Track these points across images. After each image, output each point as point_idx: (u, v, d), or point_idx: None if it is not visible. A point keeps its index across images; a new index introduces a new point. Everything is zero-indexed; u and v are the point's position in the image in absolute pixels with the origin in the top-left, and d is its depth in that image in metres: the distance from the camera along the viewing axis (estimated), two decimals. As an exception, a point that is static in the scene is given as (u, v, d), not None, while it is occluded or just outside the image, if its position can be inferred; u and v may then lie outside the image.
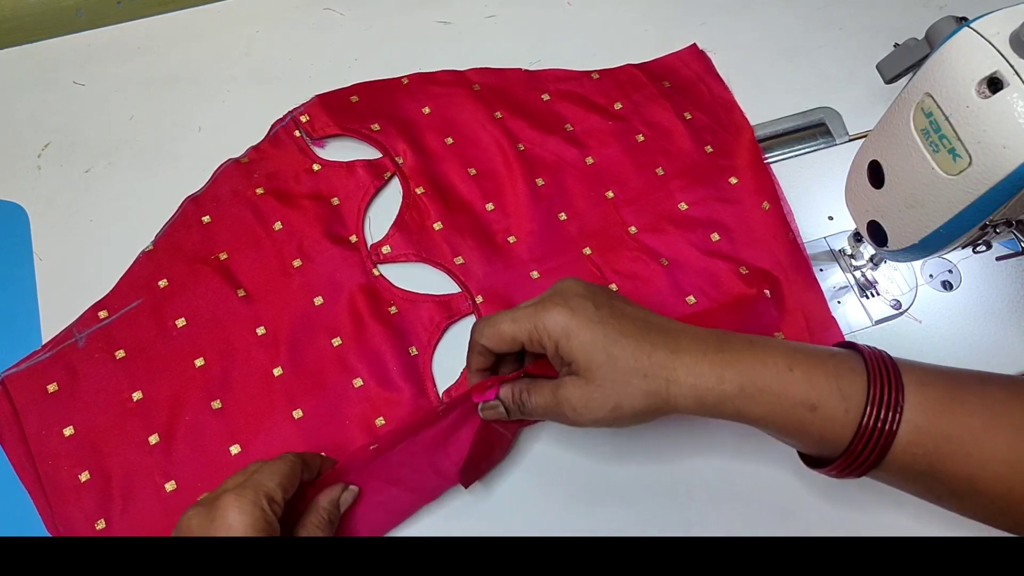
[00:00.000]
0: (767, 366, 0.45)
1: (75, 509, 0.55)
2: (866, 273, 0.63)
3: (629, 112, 0.69)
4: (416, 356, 0.60)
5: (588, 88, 0.71)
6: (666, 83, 0.71)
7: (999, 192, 0.43)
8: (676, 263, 0.63)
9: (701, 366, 0.45)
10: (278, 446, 0.57)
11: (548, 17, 0.76)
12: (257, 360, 0.59)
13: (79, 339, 0.60)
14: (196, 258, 0.63)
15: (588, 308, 0.46)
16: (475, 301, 0.62)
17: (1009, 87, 0.41)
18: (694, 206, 0.66)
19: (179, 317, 0.61)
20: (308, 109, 0.69)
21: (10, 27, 0.78)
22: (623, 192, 0.66)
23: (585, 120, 0.69)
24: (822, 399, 0.44)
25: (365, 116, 0.69)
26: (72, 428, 0.57)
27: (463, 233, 0.64)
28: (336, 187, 0.66)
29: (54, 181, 0.67)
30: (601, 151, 0.68)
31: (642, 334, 0.46)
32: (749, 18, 0.75)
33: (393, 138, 0.68)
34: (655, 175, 0.67)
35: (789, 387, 0.45)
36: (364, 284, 0.62)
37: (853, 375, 0.45)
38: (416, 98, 0.70)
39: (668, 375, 0.45)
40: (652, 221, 0.65)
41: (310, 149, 0.68)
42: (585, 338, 0.46)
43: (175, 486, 0.55)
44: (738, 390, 0.45)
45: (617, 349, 0.45)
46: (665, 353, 0.46)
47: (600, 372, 0.46)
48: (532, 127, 0.69)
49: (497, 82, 0.71)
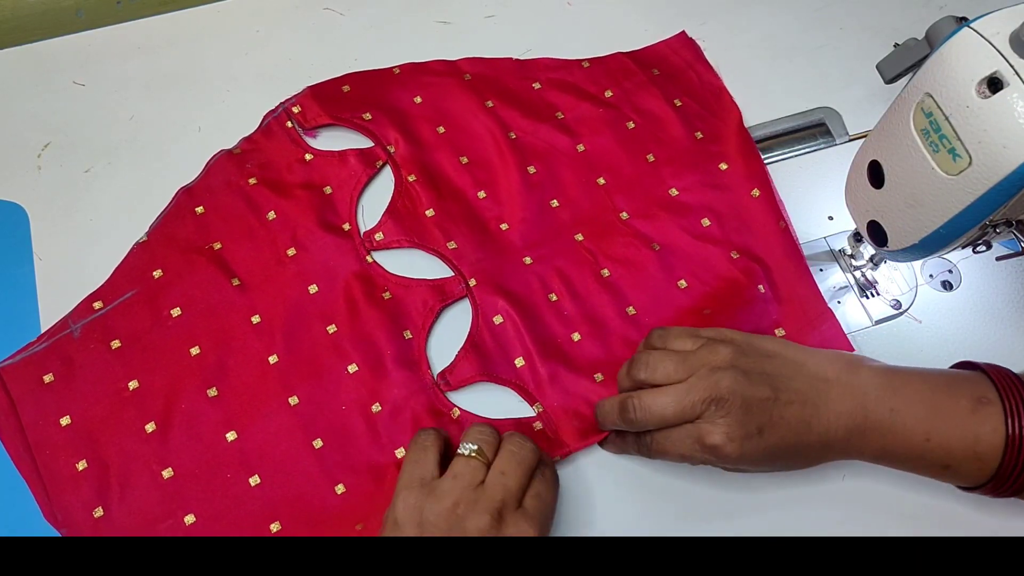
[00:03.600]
0: (904, 437, 0.49)
1: (73, 498, 0.55)
2: (866, 273, 0.63)
3: (620, 100, 0.70)
4: (411, 340, 0.61)
5: (578, 76, 0.71)
6: (655, 71, 0.71)
7: (999, 192, 0.43)
8: (667, 248, 0.64)
9: (848, 454, 0.51)
10: (274, 433, 0.57)
11: (548, 17, 0.76)
12: (252, 348, 0.60)
13: (74, 330, 0.60)
14: (190, 248, 0.63)
15: (746, 423, 0.49)
16: (468, 284, 0.62)
17: (1009, 87, 0.41)
18: (685, 192, 0.66)
19: (174, 307, 0.61)
20: (300, 100, 0.70)
21: (10, 27, 0.78)
22: (614, 179, 0.67)
23: (576, 108, 0.69)
24: (957, 463, 0.49)
25: (357, 105, 0.69)
26: (69, 418, 0.57)
27: (455, 220, 0.65)
28: (329, 176, 0.67)
29: (54, 181, 0.67)
30: (592, 138, 0.68)
31: (793, 451, 0.50)
32: (749, 18, 0.75)
33: (385, 127, 0.68)
34: (646, 162, 0.67)
35: (926, 454, 0.49)
36: (358, 271, 0.63)
37: (993, 436, 0.48)
38: (408, 87, 0.70)
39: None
40: (643, 207, 0.65)
41: (302, 139, 0.68)
42: (738, 457, 0.49)
43: (172, 473, 0.56)
44: (873, 459, 0.52)
45: (767, 465, 0.51)
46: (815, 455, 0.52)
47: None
48: (523, 115, 0.69)
49: (488, 71, 0.72)
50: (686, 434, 0.51)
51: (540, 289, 0.62)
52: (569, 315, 0.61)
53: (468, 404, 0.59)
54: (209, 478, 0.56)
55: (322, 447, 0.57)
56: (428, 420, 0.58)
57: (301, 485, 0.56)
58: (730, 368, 0.50)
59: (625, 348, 0.60)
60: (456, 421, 0.58)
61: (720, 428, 0.49)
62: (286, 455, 0.57)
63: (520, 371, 0.59)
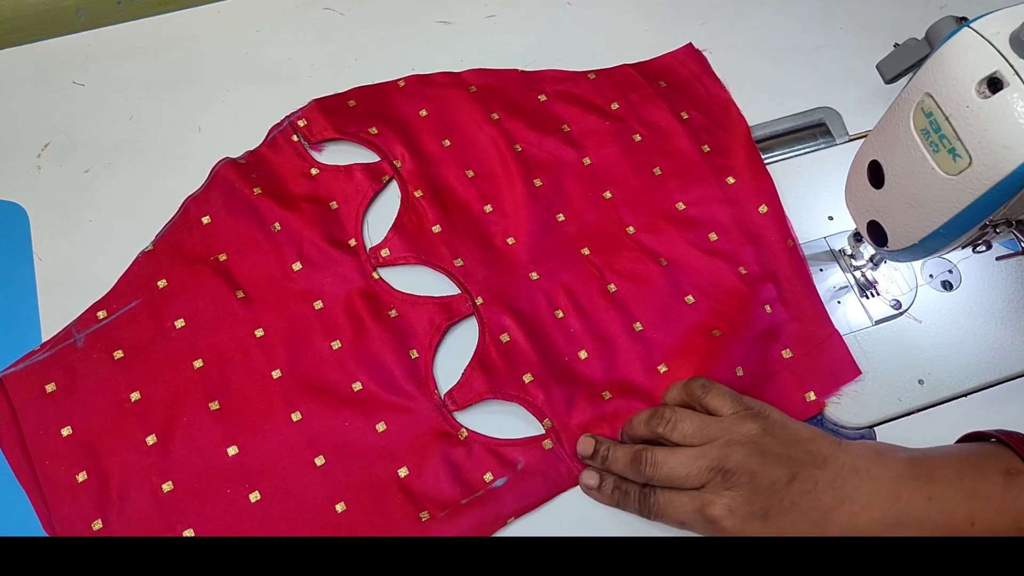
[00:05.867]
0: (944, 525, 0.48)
1: (72, 509, 0.54)
2: (866, 273, 0.63)
3: (626, 112, 0.69)
4: (417, 359, 0.60)
5: (585, 88, 0.71)
6: (662, 83, 0.71)
7: (999, 192, 0.43)
8: (675, 263, 0.63)
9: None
10: (276, 448, 0.56)
11: (548, 17, 0.76)
12: (256, 362, 0.59)
13: (78, 339, 0.59)
14: (196, 259, 0.63)
15: (751, 502, 0.49)
16: (475, 302, 0.62)
17: (1009, 87, 0.41)
18: (692, 206, 0.65)
19: (178, 318, 0.60)
20: (305, 114, 0.69)
21: (9, 27, 0.78)
22: (621, 192, 0.66)
23: (582, 120, 0.69)
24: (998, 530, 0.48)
25: (363, 120, 0.69)
26: (70, 428, 0.57)
27: (462, 235, 0.64)
28: (334, 191, 0.66)
29: (54, 181, 0.67)
30: (598, 151, 0.68)
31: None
32: (749, 18, 0.75)
33: (391, 141, 0.68)
34: (653, 175, 0.67)
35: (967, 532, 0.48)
36: (363, 288, 0.62)
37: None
38: (413, 101, 0.70)
39: None
40: (650, 221, 0.65)
41: (308, 153, 0.68)
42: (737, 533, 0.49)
43: (172, 487, 0.55)
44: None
45: None
46: None
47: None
48: (529, 128, 0.68)
49: (494, 83, 0.71)
50: (689, 499, 0.50)
51: (547, 306, 0.62)
52: (576, 332, 0.61)
53: (475, 424, 0.58)
54: (209, 493, 0.55)
55: (324, 464, 0.56)
56: (434, 441, 0.57)
57: (302, 502, 0.55)
58: (748, 444, 0.50)
59: (632, 365, 0.60)
60: (463, 442, 0.57)
61: (723, 500, 0.49)
62: (287, 471, 0.56)
63: (528, 387, 0.59)
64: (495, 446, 0.57)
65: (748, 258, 0.63)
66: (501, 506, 0.55)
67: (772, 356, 0.60)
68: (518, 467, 0.56)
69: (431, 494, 0.55)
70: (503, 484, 0.56)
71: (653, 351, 0.60)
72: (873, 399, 0.59)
